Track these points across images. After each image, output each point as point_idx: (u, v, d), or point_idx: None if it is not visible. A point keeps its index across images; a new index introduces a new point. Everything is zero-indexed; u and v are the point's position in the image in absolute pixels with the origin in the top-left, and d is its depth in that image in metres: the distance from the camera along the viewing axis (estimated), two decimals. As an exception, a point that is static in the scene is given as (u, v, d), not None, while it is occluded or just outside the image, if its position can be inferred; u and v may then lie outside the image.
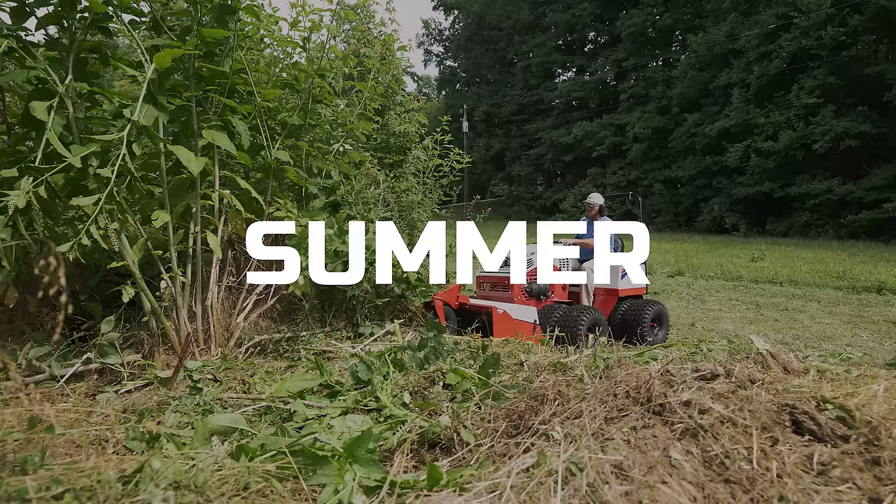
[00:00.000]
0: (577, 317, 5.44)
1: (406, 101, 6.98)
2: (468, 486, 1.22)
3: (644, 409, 1.51)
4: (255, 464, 1.46)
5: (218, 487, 1.29)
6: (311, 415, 2.31)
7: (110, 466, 1.26)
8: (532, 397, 1.72)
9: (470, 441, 1.65)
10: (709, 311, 8.92)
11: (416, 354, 3.05)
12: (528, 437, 1.56)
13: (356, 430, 2.03)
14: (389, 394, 2.32)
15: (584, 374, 1.81)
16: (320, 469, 1.46)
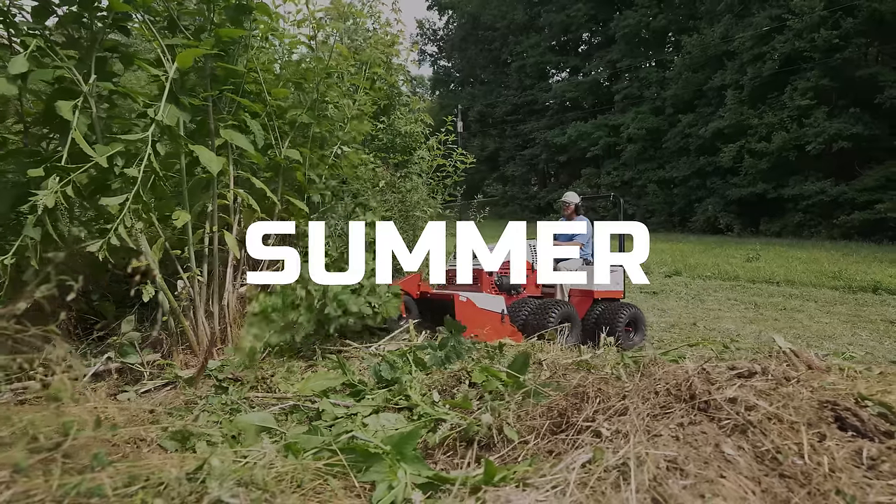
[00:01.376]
0: (547, 310, 5.21)
1: (412, 101, 7.00)
2: (530, 481, 1.24)
3: (688, 406, 1.54)
4: (307, 461, 1.48)
5: (276, 485, 1.31)
6: (339, 413, 2.33)
7: (170, 465, 1.28)
8: (573, 395, 1.74)
9: (514, 438, 1.67)
10: (709, 311, 8.99)
11: (437, 354, 3.07)
12: (573, 434, 1.58)
13: (390, 429, 2.05)
14: (419, 392, 2.34)
15: (622, 372, 1.84)
16: (372, 466, 1.48)
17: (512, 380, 2.25)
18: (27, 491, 0.97)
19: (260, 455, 1.48)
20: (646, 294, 10.96)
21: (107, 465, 1.15)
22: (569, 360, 3.07)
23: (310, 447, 1.69)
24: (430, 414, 2.12)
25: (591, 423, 1.60)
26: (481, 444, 1.85)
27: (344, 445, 1.60)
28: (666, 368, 1.81)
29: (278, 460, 1.47)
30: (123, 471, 1.19)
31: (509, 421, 1.74)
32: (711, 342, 2.48)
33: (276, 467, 1.40)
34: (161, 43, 3.08)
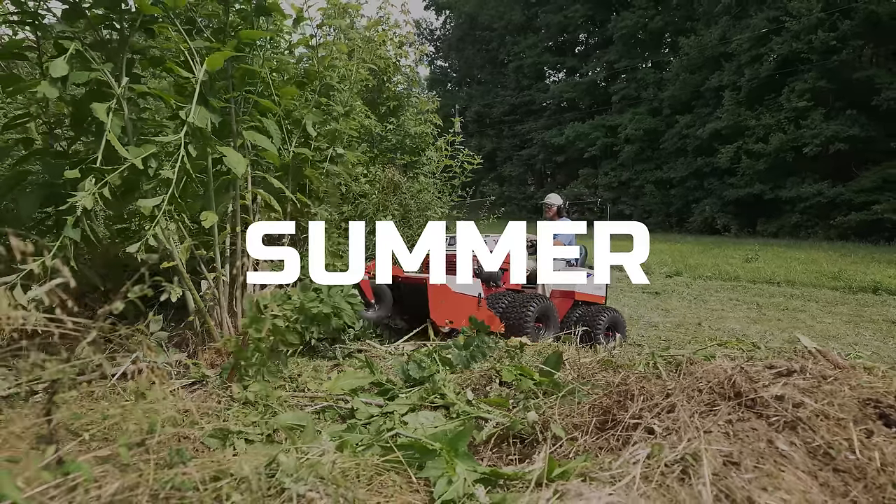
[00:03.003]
0: (524, 304, 4.96)
1: (420, 102, 7.03)
2: (594, 476, 1.28)
3: (735, 403, 1.58)
4: (367, 457, 1.52)
5: (344, 480, 1.35)
6: (373, 412, 2.37)
7: (242, 461, 1.31)
8: (616, 393, 1.79)
9: (561, 435, 1.71)
10: (712, 311, 9.07)
11: (462, 353, 3.12)
12: (621, 431, 1.63)
13: (429, 426, 2.09)
14: (453, 391, 2.39)
15: (662, 371, 1.88)
16: (430, 462, 1.52)
17: (546, 378, 2.30)
18: (129, 485, 1.01)
19: (319, 451, 1.51)
20: (648, 294, 11.04)
21: (188, 460, 1.19)
22: (588, 359, 3.12)
23: (361, 444, 1.73)
24: (468, 412, 2.16)
25: (638, 420, 1.64)
26: (524, 442, 1.90)
27: (400, 442, 1.64)
28: (705, 367, 1.86)
29: (338, 457, 1.51)
30: (202, 466, 1.23)
31: (555, 418, 1.78)
32: (739, 342, 2.54)
33: (339, 463, 1.44)
34: (190, 45, 3.11)
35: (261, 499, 1.15)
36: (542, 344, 4.37)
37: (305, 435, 1.64)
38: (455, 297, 4.54)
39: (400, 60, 7.12)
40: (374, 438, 1.88)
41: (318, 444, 1.56)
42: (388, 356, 3.74)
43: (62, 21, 2.94)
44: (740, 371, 1.76)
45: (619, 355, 3.75)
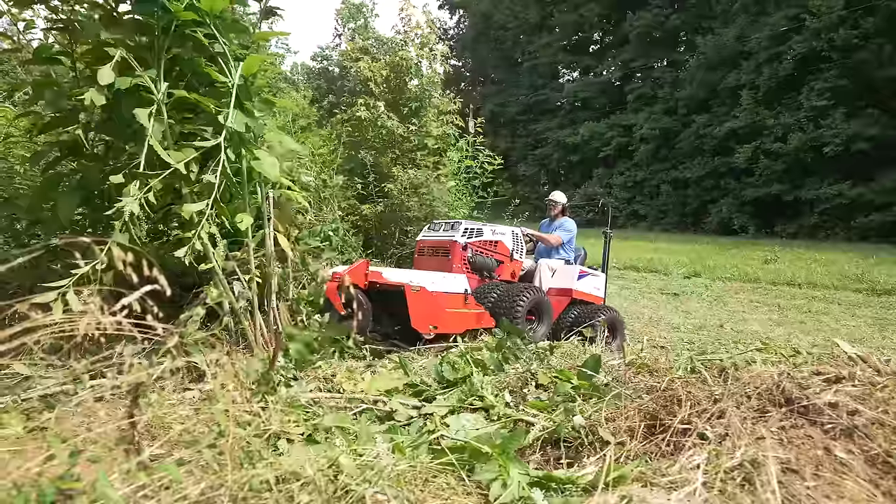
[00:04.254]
0: (516, 295, 4.65)
1: (442, 103, 7.06)
2: (654, 481, 1.30)
3: (786, 410, 1.59)
4: (422, 460, 1.54)
5: (405, 483, 1.37)
6: (412, 414, 2.39)
7: (304, 462, 1.34)
8: (663, 398, 1.79)
9: (609, 440, 1.72)
10: (733, 313, 9.00)
11: (494, 355, 3.14)
12: (671, 436, 1.63)
13: (471, 429, 2.11)
14: (491, 394, 2.41)
15: (707, 377, 1.89)
16: (483, 465, 1.54)
17: (585, 382, 2.31)
18: (213, 485, 1.04)
19: (374, 454, 1.54)
20: (667, 296, 10.97)
21: (257, 461, 1.22)
22: (615, 362, 3.12)
23: (412, 446, 1.75)
24: (509, 415, 2.18)
25: (687, 425, 1.65)
26: (569, 445, 1.91)
27: (451, 445, 1.66)
28: (751, 373, 1.86)
29: (396, 459, 1.53)
30: (270, 467, 1.26)
31: (602, 423, 1.79)
32: (778, 347, 2.53)
33: (396, 466, 1.46)
34: (225, 50, 3.15)
35: (329, 500, 1.18)
36: (569, 346, 4.38)
37: (360, 438, 1.67)
38: (436, 300, 4.19)
39: (421, 62, 7.17)
40: (419, 440, 1.91)
41: (373, 446, 1.59)
42: (417, 357, 3.77)
43: (103, 28, 3.00)
44: (788, 377, 1.77)
45: (644, 358, 3.74)
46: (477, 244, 5.08)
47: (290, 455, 1.61)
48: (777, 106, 28.27)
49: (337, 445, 1.86)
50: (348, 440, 1.69)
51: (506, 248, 5.37)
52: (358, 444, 1.61)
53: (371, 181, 6.11)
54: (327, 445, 1.93)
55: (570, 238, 6.08)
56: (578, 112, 43.73)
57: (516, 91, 49.62)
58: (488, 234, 5.18)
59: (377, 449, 1.56)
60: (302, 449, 1.80)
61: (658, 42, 39.93)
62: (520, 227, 5.83)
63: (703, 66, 33.35)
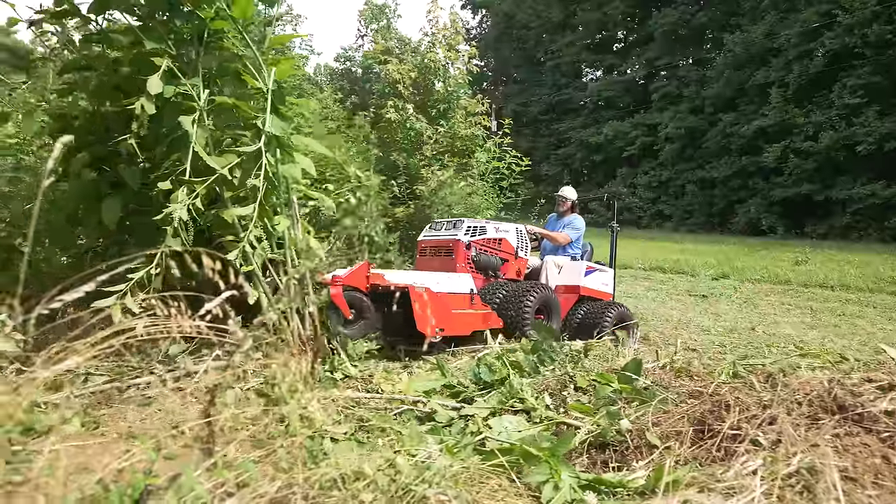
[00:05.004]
0: (524, 294, 4.55)
1: (470, 105, 7.09)
2: (711, 487, 1.30)
3: (840, 417, 1.58)
4: (474, 461, 1.57)
5: (461, 484, 1.40)
6: (452, 415, 2.42)
7: (363, 462, 1.37)
8: (711, 403, 1.79)
9: (656, 444, 1.73)
10: (764, 316, 8.85)
11: (530, 358, 3.15)
12: (721, 442, 1.63)
13: (514, 431, 2.13)
14: (531, 396, 2.42)
15: (755, 382, 1.88)
16: (534, 468, 1.56)
17: (627, 386, 2.31)
18: (288, 484, 1.08)
19: (426, 454, 1.57)
20: (695, 297, 10.83)
21: (321, 460, 1.26)
22: (649, 364, 3.10)
23: (459, 448, 1.78)
24: (551, 418, 2.19)
25: (737, 431, 1.65)
26: (614, 449, 1.92)
27: (499, 447, 1.68)
28: (800, 379, 1.85)
29: (449, 460, 1.56)
30: (333, 466, 1.30)
31: (649, 426, 1.80)
32: (823, 352, 2.50)
33: (450, 467, 1.49)
34: (256, 55, 3.21)
35: (392, 500, 1.22)
36: (602, 347, 4.37)
37: (410, 439, 1.70)
38: (442, 301, 4.06)
39: (448, 64, 7.20)
40: (464, 442, 1.93)
41: (425, 447, 1.62)
42: (451, 358, 3.80)
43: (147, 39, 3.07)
44: (839, 384, 1.75)
45: (679, 361, 3.72)
46: (480, 242, 4.98)
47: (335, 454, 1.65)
48: (808, 104, 27.66)
49: (380, 445, 1.90)
50: (397, 440, 1.72)
51: (510, 245, 5.27)
52: (410, 444, 1.64)
53: (403, 183, 6.17)
54: (370, 445, 1.98)
55: (579, 235, 5.97)
56: (602, 111, 43.32)
57: (539, 90, 49.35)
58: (492, 231, 5.08)
59: (429, 450, 1.58)
60: (348, 448, 1.84)
61: (684, 40, 39.38)
62: (524, 224, 5.78)
63: (730, 63, 32.78)
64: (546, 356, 3.18)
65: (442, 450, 1.65)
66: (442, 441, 1.75)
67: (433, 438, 1.77)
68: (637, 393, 2.24)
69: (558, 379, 2.71)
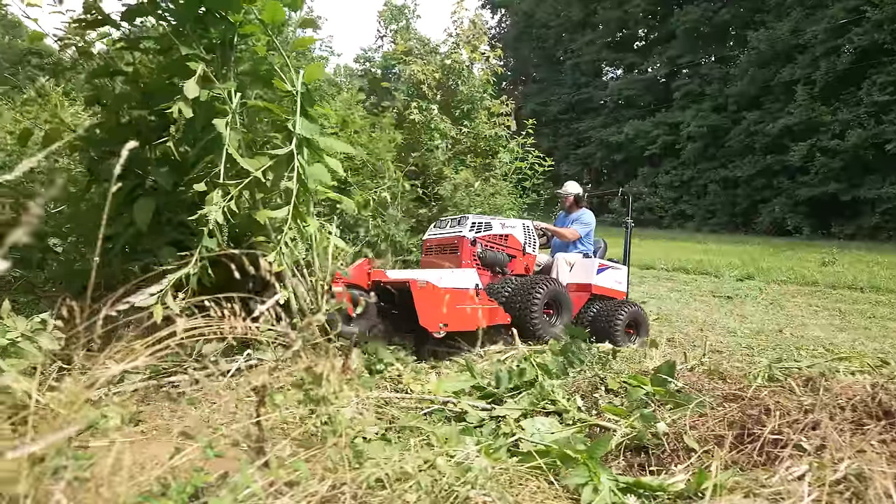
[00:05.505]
0: (532, 288, 4.42)
1: (494, 106, 7.08)
2: (757, 492, 1.29)
3: (886, 423, 1.55)
4: (514, 463, 1.58)
5: (503, 486, 1.41)
6: (483, 416, 2.43)
7: (404, 463, 1.39)
8: (751, 407, 1.77)
9: (695, 447, 1.72)
10: (791, 318, 8.69)
11: (558, 359, 3.14)
12: (762, 446, 1.62)
13: (547, 433, 2.13)
14: (563, 398, 2.42)
15: (795, 386, 1.86)
16: (573, 470, 1.56)
17: (660, 388, 2.29)
18: (338, 484, 1.10)
19: (464, 455, 1.58)
20: (719, 299, 10.68)
21: (366, 459, 1.28)
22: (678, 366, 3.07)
23: (494, 449, 1.79)
24: (584, 420, 2.19)
25: (778, 435, 1.63)
26: (650, 452, 1.91)
27: (537, 449, 1.69)
28: (842, 383, 1.82)
29: (489, 462, 1.57)
30: (375, 466, 1.31)
31: (686, 430, 1.78)
32: (861, 355, 2.45)
33: (493, 468, 1.49)
34: (286, 59, 3.25)
35: (437, 500, 1.23)
36: (630, 350, 4.34)
37: (450, 440, 1.71)
38: (445, 296, 3.92)
39: (472, 64, 7.20)
40: (498, 443, 1.94)
41: (462, 448, 1.62)
42: (478, 359, 3.80)
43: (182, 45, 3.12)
44: (883, 389, 1.72)
45: (707, 363, 3.68)
46: (486, 238, 4.87)
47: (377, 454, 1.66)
48: (835, 101, 27.11)
49: (412, 445, 1.91)
50: (435, 441, 1.73)
51: (517, 241, 5.16)
52: (448, 445, 1.65)
53: (428, 183, 6.19)
54: (402, 445, 1.99)
55: (589, 231, 5.74)
56: (622, 110, 42.95)
57: (558, 90, 49.08)
58: (497, 227, 4.97)
59: (467, 450, 1.59)
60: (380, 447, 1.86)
61: (706, 37, 38.89)
62: (531, 219, 5.64)
63: (754, 61, 32.26)
64: (574, 358, 3.17)
65: (480, 451, 1.66)
66: (479, 442, 1.76)
67: (470, 439, 1.77)
68: (671, 396, 2.22)
69: (589, 381, 2.70)
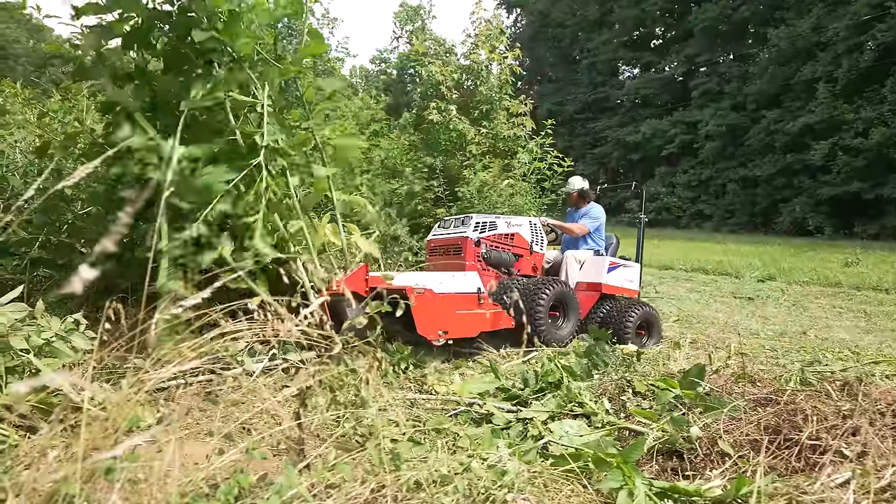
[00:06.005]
0: (537, 290, 4.32)
1: (513, 106, 7.06)
2: (800, 499, 1.27)
3: (929, 429, 1.52)
4: (547, 466, 1.57)
5: (540, 489, 1.40)
6: (510, 418, 2.42)
7: (438, 465, 1.39)
8: (786, 411, 1.75)
9: (729, 452, 1.70)
10: (815, 320, 8.55)
11: (582, 361, 3.13)
12: (800, 452, 1.59)
13: (575, 435, 2.12)
14: (590, 400, 2.40)
15: (832, 391, 1.83)
16: (609, 474, 1.55)
17: (690, 392, 2.27)
18: (379, 487, 1.10)
19: (497, 458, 1.57)
20: (740, 300, 10.54)
21: (403, 462, 1.28)
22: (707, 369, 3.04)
23: (524, 451, 1.78)
24: (613, 423, 2.17)
25: (816, 441, 1.61)
26: (681, 457, 1.89)
27: (570, 452, 1.68)
28: (880, 388, 1.79)
29: (517, 464, 1.56)
30: (412, 468, 1.32)
31: (721, 434, 1.76)
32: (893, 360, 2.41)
33: (528, 471, 1.49)
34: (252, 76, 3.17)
35: (475, 503, 1.23)
36: (653, 351, 4.30)
37: (483, 442, 1.71)
38: (444, 302, 3.82)
39: (491, 65, 7.19)
40: (528, 446, 1.93)
41: (494, 451, 1.62)
42: (501, 360, 3.80)
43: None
44: (924, 394, 1.69)
45: (732, 366, 3.64)
46: (491, 238, 4.74)
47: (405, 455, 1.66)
48: (857, 99, 26.61)
49: (439, 447, 1.91)
50: (473, 445, 1.73)
51: (524, 240, 5.01)
52: (481, 448, 1.65)
53: (443, 184, 6.19)
54: (429, 446, 1.99)
55: (598, 226, 5.57)
56: (639, 109, 42.60)
57: (574, 89, 48.80)
58: (503, 226, 4.83)
59: (500, 453, 1.59)
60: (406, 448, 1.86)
61: (725, 35, 38.42)
62: (541, 217, 5.48)
63: (774, 59, 31.81)
64: (599, 360, 3.15)
65: (513, 454, 1.65)
66: (511, 445, 1.76)
67: (502, 442, 1.77)
68: (700, 399, 2.20)
69: (616, 383, 2.68)
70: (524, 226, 5.03)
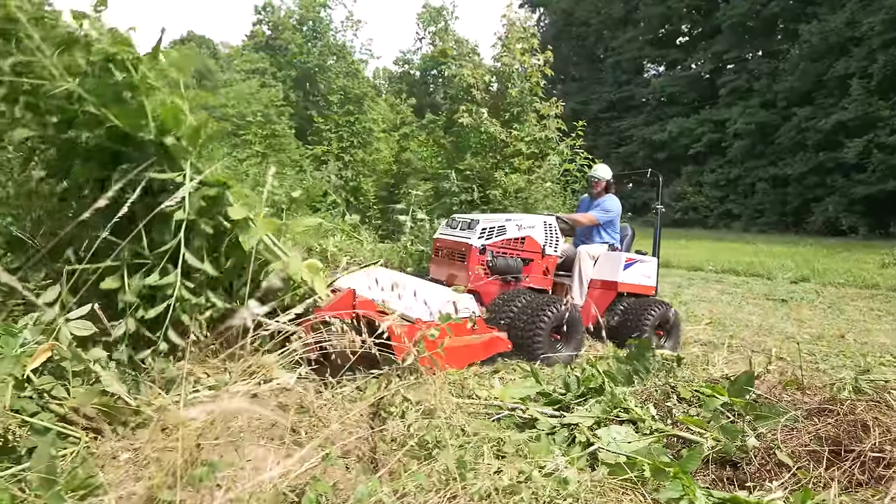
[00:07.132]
0: (537, 309, 3.95)
1: (543, 108, 7.04)
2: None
3: None
4: (604, 476, 1.58)
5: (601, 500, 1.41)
6: (554, 423, 2.43)
7: (503, 474, 1.40)
8: (846, 422, 1.73)
9: (788, 463, 1.68)
10: (853, 323, 8.33)
11: (624, 367, 3.12)
12: (860, 464, 1.57)
13: (623, 442, 2.12)
14: (636, 406, 2.40)
15: (891, 401, 1.80)
16: (668, 484, 1.55)
17: (738, 399, 2.25)
18: (454, 493, 1.13)
19: (554, 467, 1.58)
20: (773, 302, 10.32)
21: (469, 469, 1.30)
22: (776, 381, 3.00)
23: (578, 458, 1.79)
24: (661, 430, 2.17)
25: (879, 453, 1.59)
26: (736, 466, 1.88)
27: (625, 461, 1.68)
28: (944, 399, 1.76)
29: (573, 472, 1.57)
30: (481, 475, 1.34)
31: (779, 445, 1.75)
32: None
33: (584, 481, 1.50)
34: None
35: (541, 512, 1.24)
36: (691, 356, 4.26)
37: (538, 450, 1.73)
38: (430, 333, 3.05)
39: (522, 67, 7.18)
40: (576, 451, 1.94)
41: (550, 458, 1.63)
42: (542, 365, 3.80)
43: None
44: None
45: (773, 371, 3.59)
46: (498, 244, 4.45)
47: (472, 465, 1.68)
48: (893, 95, 25.87)
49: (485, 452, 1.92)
50: (531, 453, 1.74)
51: (535, 243, 4.68)
52: (539, 456, 1.66)
53: (475, 187, 6.21)
54: (474, 451, 2.01)
55: (612, 219, 5.26)
56: (665, 108, 42.04)
57: (599, 88, 48.36)
58: (513, 230, 4.53)
59: (556, 461, 1.60)
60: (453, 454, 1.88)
61: (753, 31, 37.70)
62: (555, 213, 5.23)
63: (806, 55, 31.09)
64: (640, 365, 3.13)
65: (569, 462, 1.66)
66: (565, 453, 1.77)
67: (557, 450, 1.78)
68: (751, 407, 2.18)
69: (660, 389, 2.67)
70: (537, 227, 4.74)
